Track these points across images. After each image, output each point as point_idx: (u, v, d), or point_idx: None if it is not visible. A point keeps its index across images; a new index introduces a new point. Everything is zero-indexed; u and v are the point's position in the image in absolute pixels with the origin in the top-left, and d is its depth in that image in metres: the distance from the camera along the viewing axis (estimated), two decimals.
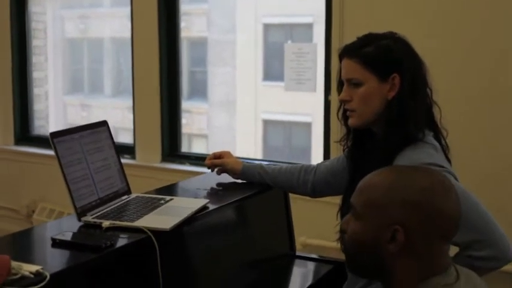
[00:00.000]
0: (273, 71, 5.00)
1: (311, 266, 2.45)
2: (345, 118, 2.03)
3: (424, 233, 1.34)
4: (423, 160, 1.79)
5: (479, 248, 1.75)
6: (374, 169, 1.91)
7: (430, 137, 1.92)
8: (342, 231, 1.46)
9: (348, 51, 1.95)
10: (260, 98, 5.49)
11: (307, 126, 5.00)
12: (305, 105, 4.69)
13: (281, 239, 2.48)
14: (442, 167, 1.80)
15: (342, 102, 2.00)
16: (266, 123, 5.54)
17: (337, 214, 2.08)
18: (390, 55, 1.91)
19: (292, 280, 2.43)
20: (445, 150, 1.96)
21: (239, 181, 2.41)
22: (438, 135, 1.96)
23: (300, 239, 3.49)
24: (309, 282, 2.33)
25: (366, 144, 2.02)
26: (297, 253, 2.52)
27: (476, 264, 1.72)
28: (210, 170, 2.46)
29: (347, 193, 2.07)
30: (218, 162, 2.42)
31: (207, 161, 2.44)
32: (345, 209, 2.06)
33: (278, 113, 5.46)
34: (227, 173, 2.42)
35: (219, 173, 2.43)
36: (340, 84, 2.00)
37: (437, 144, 1.92)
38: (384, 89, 1.90)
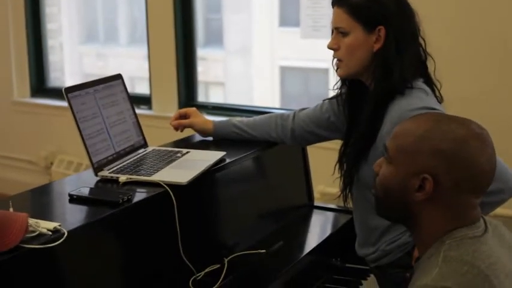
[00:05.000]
0: (289, 16, 4.91)
1: (330, 216, 2.44)
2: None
3: (453, 185, 1.31)
4: (413, 105, 1.80)
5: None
6: (366, 121, 1.92)
7: (419, 82, 1.91)
8: (375, 174, 1.44)
9: (338, 0, 1.96)
10: (277, 44, 5.42)
11: (325, 72, 4.93)
12: (322, 51, 4.61)
13: (299, 190, 2.47)
14: (434, 109, 1.80)
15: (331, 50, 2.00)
16: (283, 69, 5.47)
17: (335, 166, 2.07)
18: (378, 6, 1.90)
19: (310, 231, 2.42)
20: (437, 98, 1.94)
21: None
22: (431, 85, 1.94)
23: (318, 187, 3.47)
24: (328, 232, 2.32)
25: (359, 95, 2.02)
26: (316, 203, 2.51)
27: (486, 200, 1.65)
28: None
29: (344, 145, 2.07)
30: (186, 122, 2.31)
31: (172, 122, 2.32)
32: (343, 161, 2.06)
33: (295, 59, 5.38)
34: (197, 132, 2.34)
35: (182, 130, 2.34)
36: (333, 33, 2.00)
37: (427, 88, 1.91)
38: (369, 40, 1.91)
